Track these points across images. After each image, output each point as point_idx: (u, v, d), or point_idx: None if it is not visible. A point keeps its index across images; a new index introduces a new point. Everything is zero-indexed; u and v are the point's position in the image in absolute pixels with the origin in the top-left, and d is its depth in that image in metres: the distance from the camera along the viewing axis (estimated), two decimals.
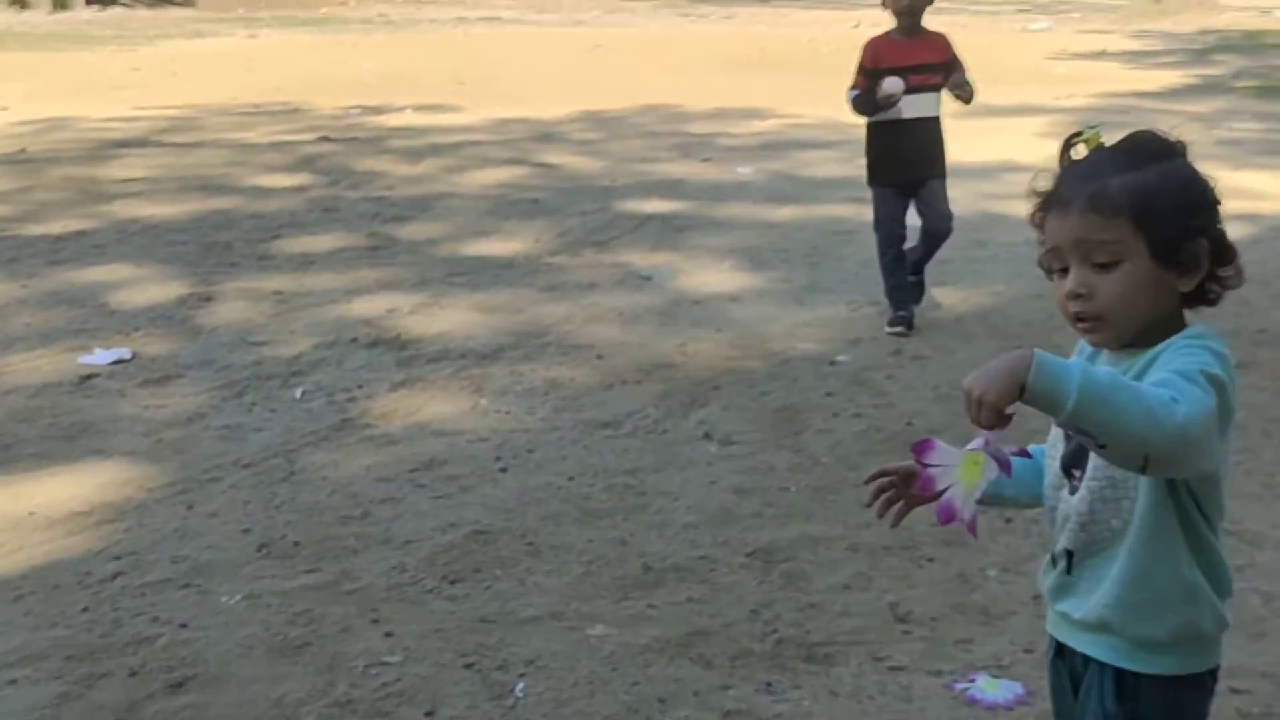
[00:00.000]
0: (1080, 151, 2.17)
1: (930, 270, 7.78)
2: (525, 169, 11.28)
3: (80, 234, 8.83)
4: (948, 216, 6.75)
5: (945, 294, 7.25)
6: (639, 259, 8.13)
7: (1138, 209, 2.03)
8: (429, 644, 3.71)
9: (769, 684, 3.51)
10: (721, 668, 3.59)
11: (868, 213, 9.38)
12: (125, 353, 6.25)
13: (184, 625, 3.81)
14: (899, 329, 6.54)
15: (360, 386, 5.86)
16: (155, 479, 4.86)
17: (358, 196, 10.07)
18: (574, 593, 4.01)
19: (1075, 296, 2.08)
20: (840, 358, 6.20)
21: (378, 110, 14.90)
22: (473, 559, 4.22)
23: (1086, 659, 2.20)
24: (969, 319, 6.78)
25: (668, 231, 8.87)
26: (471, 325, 6.75)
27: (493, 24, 29.35)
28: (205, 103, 15.57)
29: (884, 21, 6.74)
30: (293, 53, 21.99)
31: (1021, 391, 1.87)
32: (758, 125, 13.86)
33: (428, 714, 3.39)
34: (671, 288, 7.49)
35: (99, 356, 6.18)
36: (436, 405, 5.65)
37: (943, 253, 8.17)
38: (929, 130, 6.57)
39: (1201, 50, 21.43)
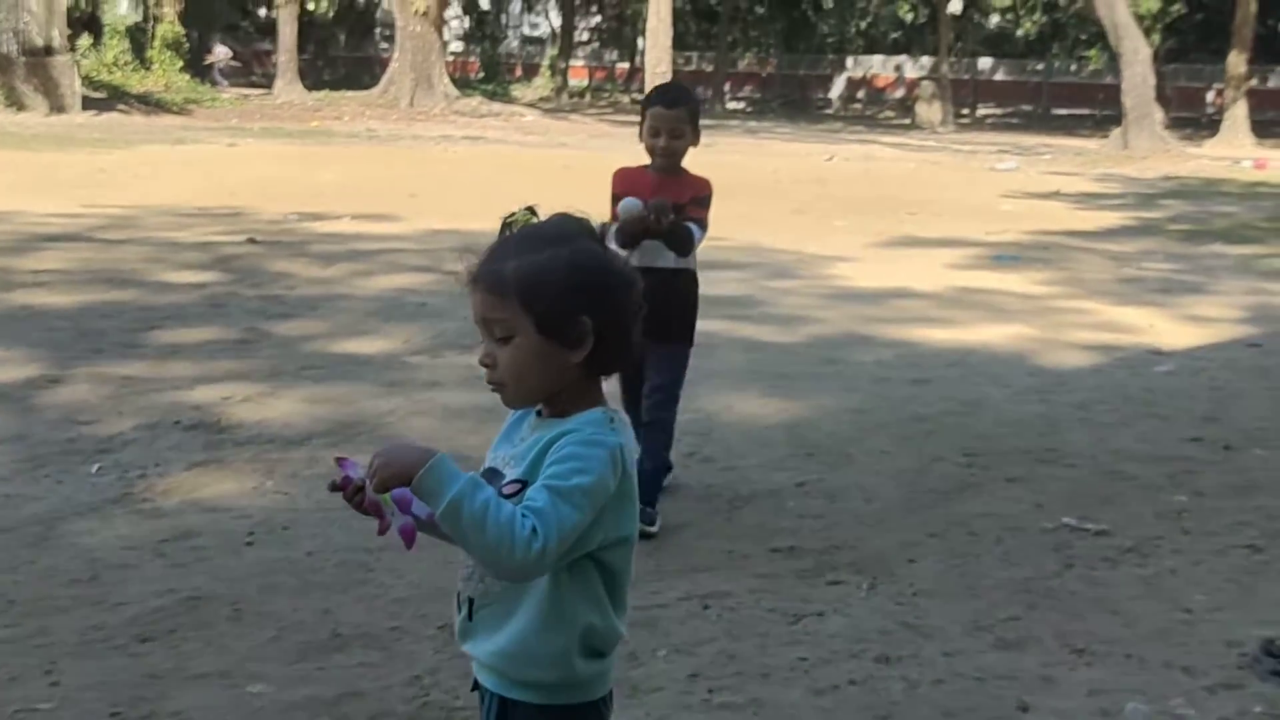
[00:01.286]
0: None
1: (758, 378, 8.03)
2: (431, 276, 11.54)
3: None
4: (667, 399, 5.58)
5: (765, 403, 7.46)
6: None
7: (524, 290, 2.28)
8: (88, 695, 3.88)
9: None
10: None
11: (740, 328, 9.75)
12: None
13: None
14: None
15: (157, 465, 6.06)
16: None
17: (253, 295, 10.34)
18: (253, 655, 4.17)
19: (483, 365, 2.33)
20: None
21: (317, 217, 15.24)
22: (173, 621, 4.39)
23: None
24: (777, 428, 6.96)
25: None
26: (296, 414, 6.96)
27: (475, 143, 29.90)
28: (153, 204, 15.95)
29: (872, 155, 6.89)
30: (263, 161, 22.46)
31: (415, 483, 2.15)
32: None
33: None
34: None
35: None
36: (222, 485, 5.84)
37: (788, 365, 8.46)
38: (667, 284, 5.30)
39: (1153, 195, 21.80)
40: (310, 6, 51.98)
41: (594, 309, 2.28)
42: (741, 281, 11.80)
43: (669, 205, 5.27)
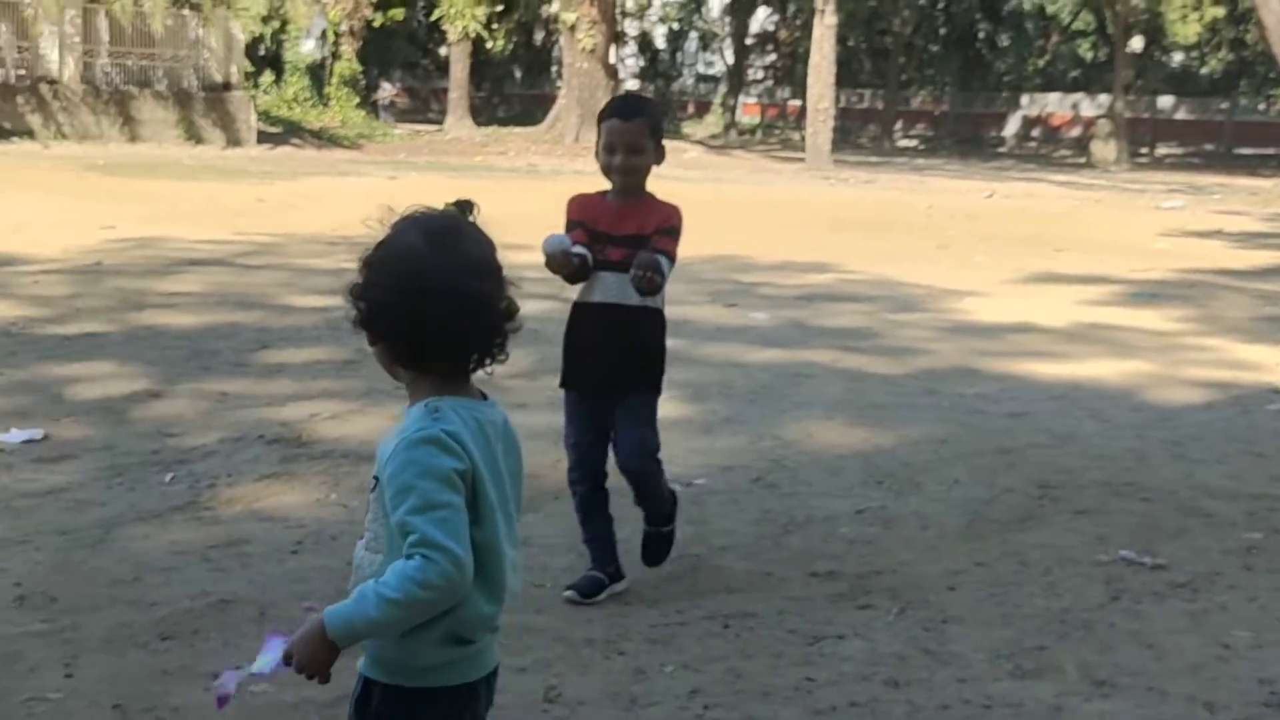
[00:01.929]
0: None
1: (849, 408, 7.94)
2: (551, 303, 11.65)
3: (91, 335, 9.43)
4: (639, 452, 4.84)
5: (848, 432, 7.37)
6: None
7: (363, 264, 2.44)
8: (99, 688, 4.00)
9: None
10: None
11: (846, 359, 9.67)
12: (38, 433, 6.71)
13: None
14: (572, 593, 4.80)
15: (229, 475, 6.22)
16: None
17: None
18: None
19: None
20: (698, 480, 6.36)
21: None
22: (199, 622, 4.51)
23: None
24: (853, 456, 6.88)
25: None
26: (376, 432, 7.05)
27: None
28: (301, 232, 16.38)
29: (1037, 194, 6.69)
30: (419, 193, 22.36)
31: (339, 646, 2.32)
32: (811, 278, 14.09)
33: None
34: None
35: (13, 435, 6.65)
36: (287, 496, 5.97)
37: (885, 395, 8.37)
38: (632, 323, 4.77)
39: None
40: (487, 45, 52.93)
41: (368, 295, 2.44)
42: (862, 314, 11.72)
43: (658, 263, 4.51)
